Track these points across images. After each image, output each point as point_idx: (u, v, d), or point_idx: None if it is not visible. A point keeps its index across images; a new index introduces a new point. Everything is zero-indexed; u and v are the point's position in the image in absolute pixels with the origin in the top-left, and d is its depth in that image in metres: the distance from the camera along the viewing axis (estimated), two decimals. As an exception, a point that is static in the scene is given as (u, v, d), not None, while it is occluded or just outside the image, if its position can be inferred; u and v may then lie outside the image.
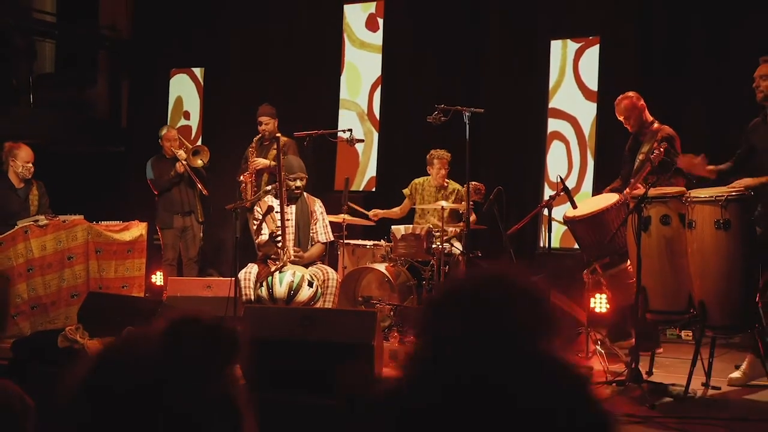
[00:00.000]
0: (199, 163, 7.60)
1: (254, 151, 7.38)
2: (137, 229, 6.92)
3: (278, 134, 6.53)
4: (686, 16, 7.22)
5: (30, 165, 6.77)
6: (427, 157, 7.18)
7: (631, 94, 5.77)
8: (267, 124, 7.39)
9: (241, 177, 7.32)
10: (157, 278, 7.90)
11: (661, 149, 5.08)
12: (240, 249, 5.98)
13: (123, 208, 8.35)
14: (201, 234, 7.86)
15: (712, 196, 4.47)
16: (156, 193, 7.79)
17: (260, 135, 7.41)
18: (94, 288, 6.40)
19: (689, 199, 4.54)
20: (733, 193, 4.46)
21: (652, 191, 4.70)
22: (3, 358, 5.09)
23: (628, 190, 5.33)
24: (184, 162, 7.57)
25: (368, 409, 1.36)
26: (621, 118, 5.78)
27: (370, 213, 7.32)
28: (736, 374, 4.81)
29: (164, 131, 7.97)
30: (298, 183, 6.24)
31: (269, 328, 4.77)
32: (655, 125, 5.53)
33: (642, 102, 5.73)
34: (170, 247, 7.75)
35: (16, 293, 6.21)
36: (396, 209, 7.41)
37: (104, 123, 10.29)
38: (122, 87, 10.39)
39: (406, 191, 7.36)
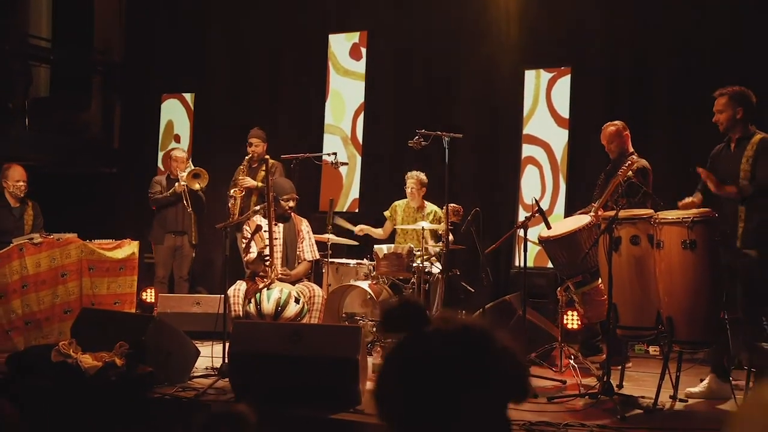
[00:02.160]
0: (196, 186, 7.57)
1: (244, 170, 7.40)
2: (129, 248, 6.88)
3: (266, 156, 6.55)
4: (652, 48, 7.34)
5: (21, 183, 6.74)
6: (405, 176, 7.23)
7: (618, 123, 5.85)
8: (257, 146, 7.41)
9: (231, 191, 7.32)
10: (148, 295, 7.85)
11: (631, 169, 5.17)
12: (229, 266, 5.96)
13: (115, 226, 8.30)
14: (193, 254, 7.83)
15: (678, 218, 4.53)
16: (153, 208, 7.77)
17: (250, 156, 7.42)
18: (87, 304, 6.34)
19: (657, 221, 4.60)
20: (699, 215, 4.52)
21: (623, 213, 4.75)
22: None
23: (594, 212, 5.39)
24: (183, 183, 7.55)
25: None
26: (604, 143, 5.85)
27: (356, 228, 7.33)
28: (696, 389, 4.85)
29: (173, 152, 7.98)
30: (291, 203, 6.25)
31: (257, 342, 4.76)
32: (634, 157, 5.60)
33: (627, 132, 5.82)
34: (161, 265, 7.71)
35: (10, 309, 6.15)
36: (379, 230, 7.44)
37: (97, 145, 10.24)
38: (115, 111, 10.35)
39: (387, 213, 7.39)
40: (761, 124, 4.96)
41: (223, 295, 5.68)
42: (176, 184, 7.59)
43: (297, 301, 5.76)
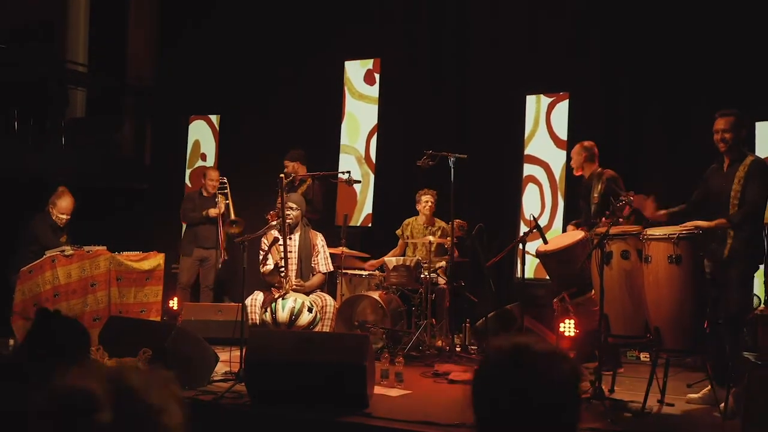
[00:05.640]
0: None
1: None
2: (155, 259, 6.95)
3: (282, 175, 6.61)
4: (647, 73, 7.37)
5: (64, 217, 6.75)
6: (416, 196, 7.29)
7: (587, 144, 5.99)
8: (286, 165, 7.54)
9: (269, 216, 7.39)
10: (175, 303, 7.94)
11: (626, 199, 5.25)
12: (252, 277, 6.02)
13: (143, 239, 8.41)
14: (219, 266, 7.93)
15: (665, 234, 4.57)
16: (184, 223, 7.88)
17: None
18: (115, 312, 6.39)
19: (646, 237, 4.63)
20: (684, 232, 4.55)
21: (614, 229, 4.79)
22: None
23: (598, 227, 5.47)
24: (218, 210, 7.71)
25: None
26: (581, 161, 5.98)
27: (366, 265, 7.35)
28: (697, 395, 4.85)
29: (207, 171, 8.10)
30: (288, 212, 6.23)
31: (272, 349, 4.82)
32: (599, 170, 5.73)
33: (594, 150, 5.95)
34: (185, 272, 7.81)
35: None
36: (393, 252, 7.44)
37: (129, 162, 10.38)
38: (146, 131, 10.50)
39: (398, 232, 7.43)
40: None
41: (241, 304, 5.75)
42: (210, 209, 7.70)
43: (310, 310, 5.82)
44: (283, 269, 6.01)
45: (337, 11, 9.07)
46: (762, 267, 4.86)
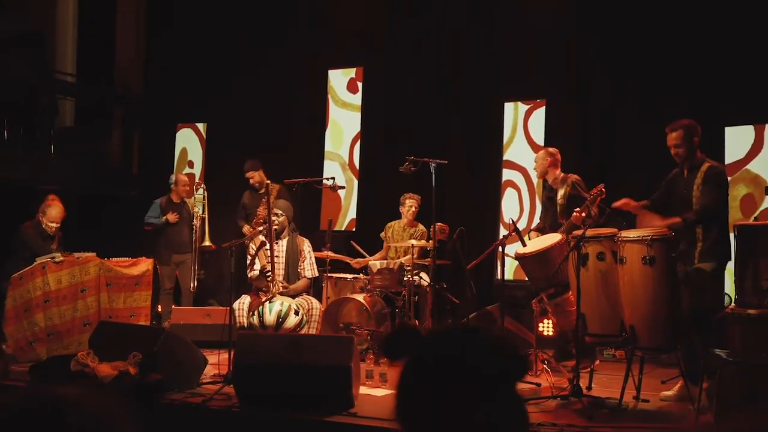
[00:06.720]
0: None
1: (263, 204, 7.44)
2: (144, 265, 6.92)
3: (267, 181, 6.61)
4: (620, 81, 7.44)
5: (53, 225, 6.76)
6: (400, 199, 7.30)
7: (551, 150, 6.14)
8: (251, 176, 7.52)
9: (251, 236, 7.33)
10: (159, 308, 7.90)
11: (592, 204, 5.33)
12: (239, 281, 6.01)
13: (133, 245, 8.36)
14: (196, 267, 7.93)
15: (639, 236, 4.62)
16: (147, 228, 7.88)
17: (257, 188, 7.50)
18: (105, 317, 6.35)
19: (620, 239, 4.69)
20: (657, 234, 4.61)
21: (590, 232, 4.84)
22: (21, 381, 5.08)
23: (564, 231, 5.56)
24: (168, 219, 7.79)
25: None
26: (549, 168, 6.14)
27: (353, 262, 7.35)
28: (670, 392, 4.90)
29: (177, 176, 8.06)
30: (274, 218, 6.24)
31: (260, 352, 4.82)
32: (562, 175, 5.92)
33: (558, 157, 6.12)
34: (167, 278, 7.82)
35: (34, 322, 6.19)
36: (377, 255, 7.46)
37: (117, 170, 10.33)
38: (134, 139, 10.45)
39: (382, 235, 7.44)
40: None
41: (229, 308, 5.74)
42: (170, 215, 7.70)
43: (296, 313, 5.82)
44: (269, 273, 6.00)
45: (321, 21, 9.09)
46: (731, 264, 4.92)
